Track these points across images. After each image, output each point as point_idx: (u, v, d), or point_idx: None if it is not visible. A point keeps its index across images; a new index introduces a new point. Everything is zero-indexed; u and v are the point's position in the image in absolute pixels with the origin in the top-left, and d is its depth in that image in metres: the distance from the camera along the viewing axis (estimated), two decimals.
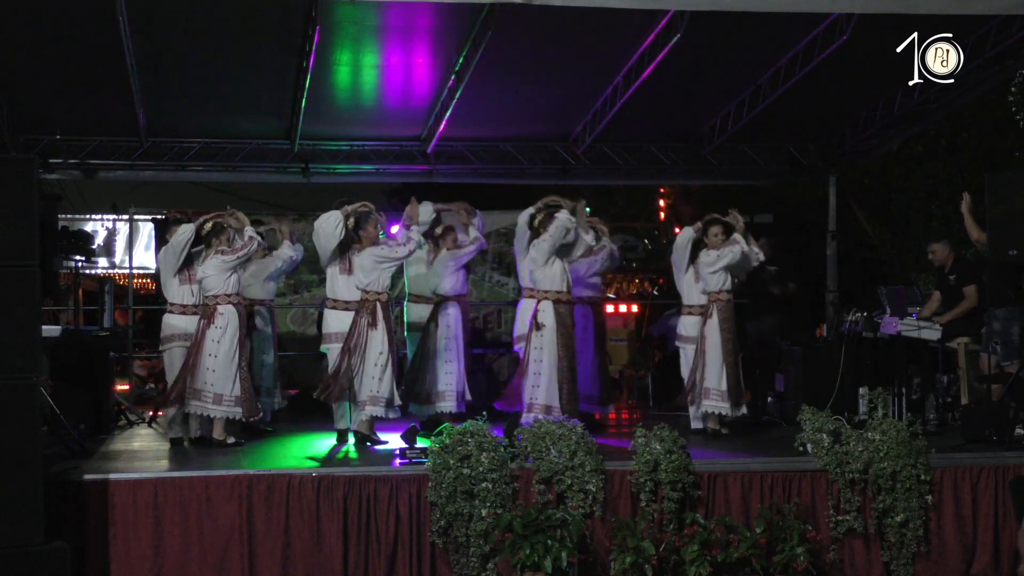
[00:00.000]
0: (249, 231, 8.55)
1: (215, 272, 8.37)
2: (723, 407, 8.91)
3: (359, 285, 8.52)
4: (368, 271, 8.49)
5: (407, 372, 9.38)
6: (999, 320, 8.91)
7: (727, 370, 8.90)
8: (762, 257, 9.21)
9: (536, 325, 8.62)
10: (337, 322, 8.78)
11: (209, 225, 8.55)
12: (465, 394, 9.31)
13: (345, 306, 8.75)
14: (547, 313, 8.66)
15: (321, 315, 9.65)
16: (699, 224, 9.15)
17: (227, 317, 8.34)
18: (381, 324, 8.43)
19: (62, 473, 7.04)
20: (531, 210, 8.99)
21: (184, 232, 8.59)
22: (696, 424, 9.13)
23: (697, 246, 9.11)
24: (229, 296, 8.39)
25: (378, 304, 8.46)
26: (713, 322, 8.96)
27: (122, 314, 14.36)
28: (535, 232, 8.84)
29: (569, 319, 8.75)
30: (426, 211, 9.24)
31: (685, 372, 9.24)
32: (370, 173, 12.29)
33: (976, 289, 9.38)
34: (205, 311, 8.41)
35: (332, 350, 8.81)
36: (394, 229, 9.61)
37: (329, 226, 8.65)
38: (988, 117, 15.36)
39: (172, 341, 8.71)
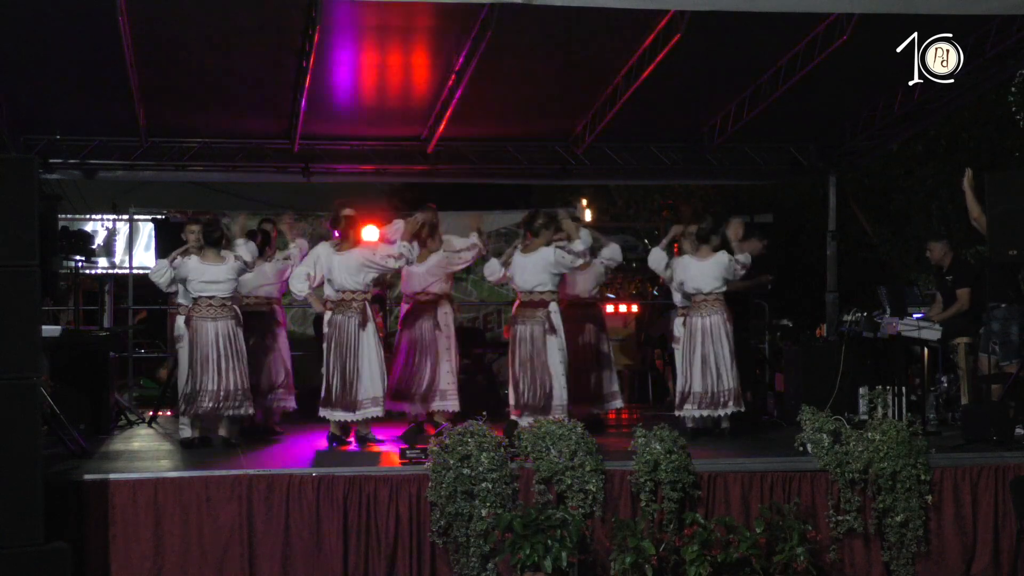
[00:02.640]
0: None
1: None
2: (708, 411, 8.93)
3: (345, 286, 8.56)
4: (354, 272, 8.56)
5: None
6: (998, 320, 8.92)
7: (723, 372, 8.92)
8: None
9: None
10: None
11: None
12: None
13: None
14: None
15: (319, 317, 9.64)
16: (664, 242, 9.33)
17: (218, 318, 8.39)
18: (371, 324, 8.58)
19: (62, 473, 7.05)
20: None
21: (160, 275, 8.88)
22: (688, 424, 9.15)
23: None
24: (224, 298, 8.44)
25: (366, 304, 8.62)
26: (703, 323, 8.96)
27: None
28: (535, 233, 8.87)
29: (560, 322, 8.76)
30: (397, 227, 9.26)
31: (678, 372, 9.29)
32: (370, 173, 12.28)
33: (969, 292, 9.40)
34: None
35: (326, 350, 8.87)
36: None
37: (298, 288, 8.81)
38: (988, 117, 15.38)
39: (181, 341, 8.76)
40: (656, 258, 9.36)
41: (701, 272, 8.90)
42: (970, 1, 7.71)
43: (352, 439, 8.65)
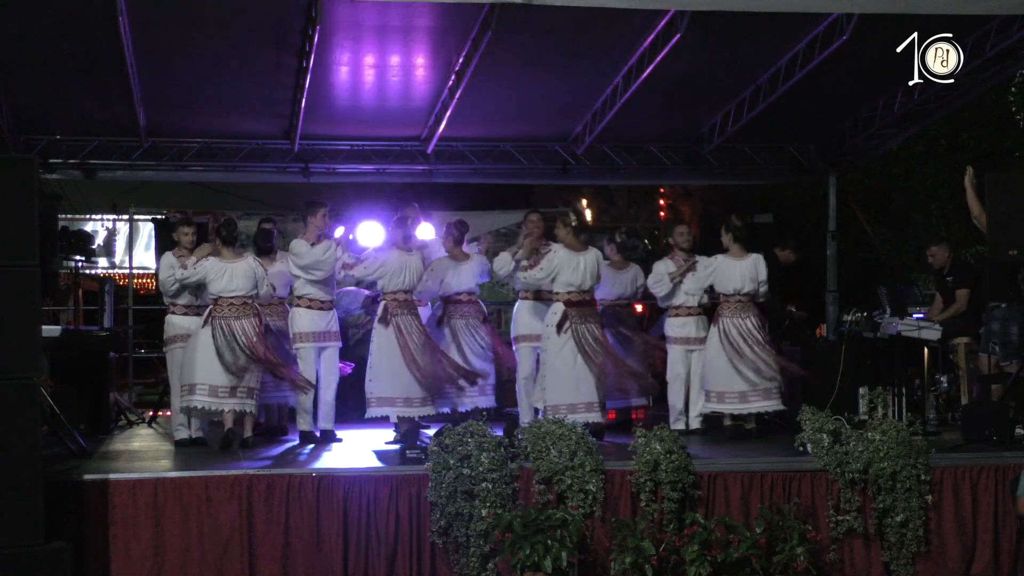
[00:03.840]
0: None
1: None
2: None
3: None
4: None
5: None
6: (998, 320, 8.92)
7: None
8: None
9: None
10: (310, 322, 8.84)
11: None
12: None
13: (320, 306, 8.82)
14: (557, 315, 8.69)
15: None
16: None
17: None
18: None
19: (62, 473, 7.05)
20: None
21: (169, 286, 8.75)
22: (695, 424, 9.16)
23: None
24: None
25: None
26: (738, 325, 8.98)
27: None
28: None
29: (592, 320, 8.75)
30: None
31: (672, 372, 9.31)
32: (370, 173, 12.28)
33: (968, 293, 9.41)
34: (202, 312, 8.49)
35: (302, 350, 8.83)
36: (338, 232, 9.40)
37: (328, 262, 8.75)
38: (988, 117, 15.37)
39: (175, 342, 8.74)
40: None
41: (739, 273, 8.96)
42: (970, 1, 7.71)
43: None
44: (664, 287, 9.30)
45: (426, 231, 9.73)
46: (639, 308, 14.45)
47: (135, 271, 13.79)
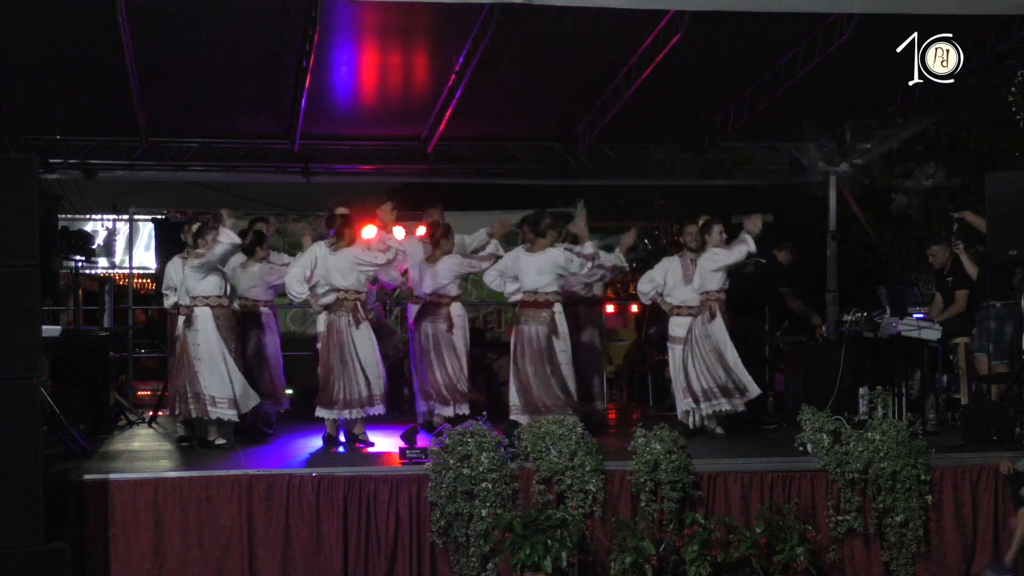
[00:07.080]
0: (223, 234, 8.45)
1: (191, 274, 8.44)
2: (734, 404, 8.91)
3: (339, 285, 8.52)
4: (346, 272, 8.51)
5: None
6: (994, 319, 8.92)
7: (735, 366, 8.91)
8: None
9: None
10: None
11: (194, 228, 8.64)
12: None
13: None
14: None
15: None
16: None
17: (203, 320, 8.33)
18: (365, 323, 8.55)
19: (62, 473, 7.06)
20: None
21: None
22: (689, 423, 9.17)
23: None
24: (207, 299, 8.38)
25: (358, 304, 8.56)
26: (718, 321, 8.95)
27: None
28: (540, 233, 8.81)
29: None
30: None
31: (673, 372, 9.27)
32: (370, 173, 12.29)
33: (968, 294, 9.41)
34: (186, 314, 8.47)
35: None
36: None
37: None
38: (988, 117, 15.36)
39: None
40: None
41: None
42: (970, 1, 7.71)
43: (344, 439, 8.60)
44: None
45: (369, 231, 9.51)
46: (636, 307, 14.47)
47: (135, 271, 13.77)
